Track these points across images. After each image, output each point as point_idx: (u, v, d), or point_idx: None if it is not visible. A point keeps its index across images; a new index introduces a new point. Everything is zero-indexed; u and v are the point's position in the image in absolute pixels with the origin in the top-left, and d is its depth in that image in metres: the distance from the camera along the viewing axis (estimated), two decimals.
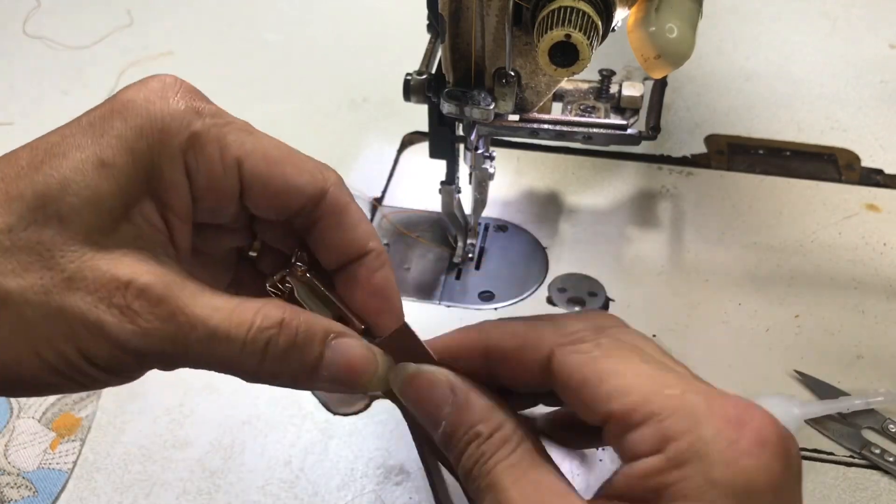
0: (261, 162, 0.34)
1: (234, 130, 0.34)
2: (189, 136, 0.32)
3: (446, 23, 0.49)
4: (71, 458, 0.52)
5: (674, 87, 0.82)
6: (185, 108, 0.32)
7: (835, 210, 0.69)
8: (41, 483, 0.50)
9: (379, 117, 0.79)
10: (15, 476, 0.51)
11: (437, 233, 0.66)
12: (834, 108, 0.81)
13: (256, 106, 0.81)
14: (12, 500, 0.50)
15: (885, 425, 0.52)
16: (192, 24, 0.93)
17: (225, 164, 0.33)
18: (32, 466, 0.51)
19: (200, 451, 0.52)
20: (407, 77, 0.54)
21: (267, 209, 0.35)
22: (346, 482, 0.50)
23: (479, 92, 0.52)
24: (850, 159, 0.74)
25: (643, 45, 0.46)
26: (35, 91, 0.82)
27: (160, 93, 0.32)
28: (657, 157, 0.74)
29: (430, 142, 0.58)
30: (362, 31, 0.92)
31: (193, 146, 0.32)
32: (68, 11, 0.94)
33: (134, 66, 0.85)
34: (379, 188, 0.71)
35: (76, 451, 0.52)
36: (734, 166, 0.73)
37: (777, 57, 0.88)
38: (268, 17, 0.94)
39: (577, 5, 0.44)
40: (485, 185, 0.60)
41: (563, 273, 0.63)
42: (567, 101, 0.58)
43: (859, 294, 0.62)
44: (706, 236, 0.66)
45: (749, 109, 0.80)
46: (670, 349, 0.57)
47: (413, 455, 0.51)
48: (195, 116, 0.32)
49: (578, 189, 0.70)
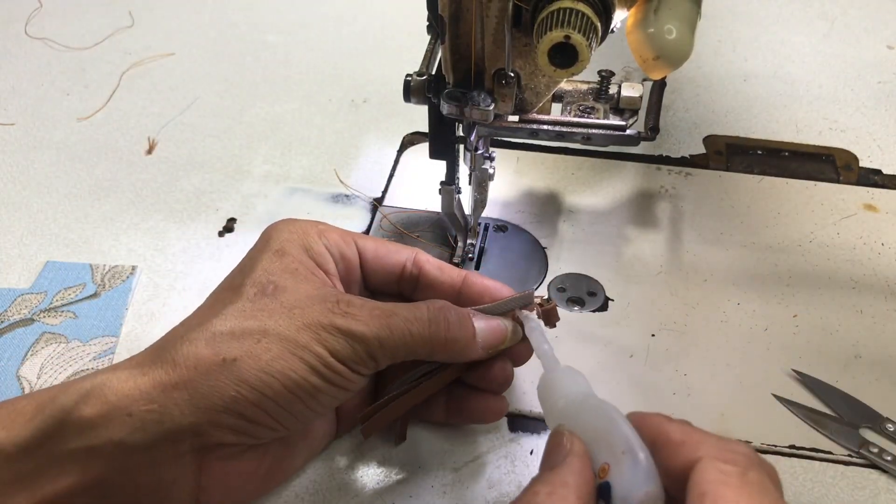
0: (369, 241, 0.50)
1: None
2: (318, 230, 0.49)
3: (446, 24, 0.49)
4: None
5: (673, 88, 0.83)
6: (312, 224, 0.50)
7: (833, 210, 0.69)
8: None
9: (379, 118, 0.79)
10: None
11: (437, 233, 0.66)
12: (832, 108, 0.81)
13: (257, 106, 0.81)
14: None
15: (883, 425, 0.53)
16: (194, 24, 0.93)
17: (345, 240, 0.49)
18: None
19: None
20: (407, 78, 0.54)
21: (379, 271, 0.50)
22: (347, 481, 0.50)
23: (478, 93, 0.52)
24: (849, 160, 0.74)
25: (642, 47, 0.46)
26: (37, 92, 0.82)
27: (294, 223, 0.49)
28: (656, 157, 0.74)
29: (430, 142, 0.58)
30: (362, 32, 0.92)
31: (324, 233, 0.49)
32: (70, 12, 0.94)
33: (135, 67, 0.85)
34: (379, 188, 0.71)
35: None
36: (733, 167, 0.74)
37: (775, 58, 0.88)
38: (268, 19, 0.94)
39: (576, 7, 0.44)
40: (485, 185, 0.61)
41: (562, 273, 0.63)
42: (566, 102, 0.59)
43: (857, 294, 0.62)
44: (705, 236, 0.66)
45: (747, 110, 0.81)
46: (669, 349, 0.57)
47: (413, 454, 0.51)
48: (318, 225, 0.50)
49: (578, 189, 0.71)
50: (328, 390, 0.43)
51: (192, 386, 0.41)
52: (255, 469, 0.45)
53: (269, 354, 0.42)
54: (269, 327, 0.43)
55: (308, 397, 0.43)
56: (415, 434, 0.52)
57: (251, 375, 0.41)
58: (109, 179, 0.72)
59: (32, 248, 0.65)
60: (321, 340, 0.43)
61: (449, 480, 0.50)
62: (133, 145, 0.76)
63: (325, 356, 0.42)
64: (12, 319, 0.59)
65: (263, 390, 0.41)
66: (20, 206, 0.69)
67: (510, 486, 0.50)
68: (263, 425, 0.42)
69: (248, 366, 0.41)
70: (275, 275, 0.45)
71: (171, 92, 0.83)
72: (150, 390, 0.41)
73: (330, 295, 0.45)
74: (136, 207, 0.69)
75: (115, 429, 0.40)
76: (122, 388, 0.41)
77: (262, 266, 0.46)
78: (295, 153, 0.75)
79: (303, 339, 0.42)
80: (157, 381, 0.41)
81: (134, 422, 0.40)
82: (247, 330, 0.42)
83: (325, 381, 0.43)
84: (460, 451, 0.51)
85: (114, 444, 0.40)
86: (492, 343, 0.47)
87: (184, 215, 0.69)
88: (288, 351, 0.42)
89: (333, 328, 0.43)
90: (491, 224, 0.67)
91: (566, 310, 0.60)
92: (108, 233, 0.67)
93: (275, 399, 0.42)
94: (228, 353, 0.41)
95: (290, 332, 0.42)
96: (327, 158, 0.75)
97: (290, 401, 0.42)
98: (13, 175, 0.73)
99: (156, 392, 0.40)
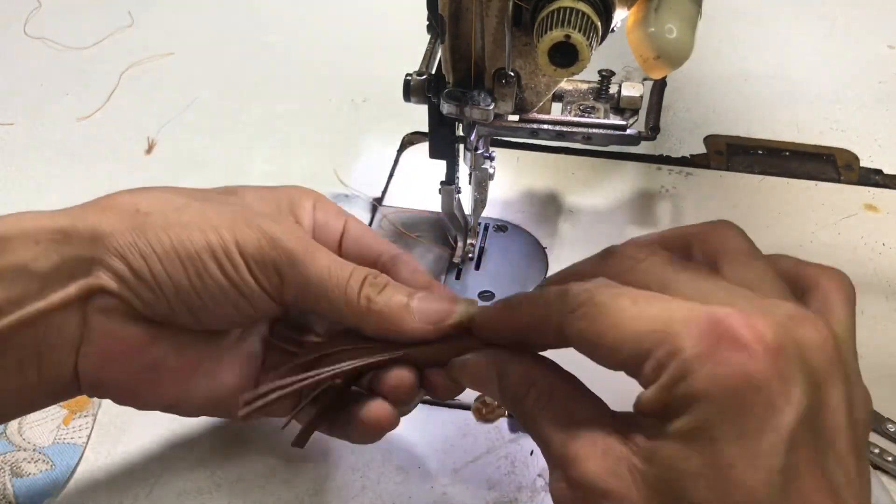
0: (359, 224, 0.50)
1: None
2: (315, 195, 0.49)
3: (446, 23, 0.49)
4: (85, 432, 0.53)
5: (673, 88, 0.83)
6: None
7: (833, 210, 0.69)
8: (58, 457, 0.51)
9: (379, 117, 0.79)
10: (31, 451, 0.52)
11: (437, 233, 0.66)
12: (833, 108, 0.81)
13: (257, 106, 0.81)
14: (31, 475, 0.50)
15: (884, 425, 0.52)
16: (194, 24, 0.93)
17: (337, 212, 0.49)
18: (48, 442, 0.52)
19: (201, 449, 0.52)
20: (407, 77, 0.54)
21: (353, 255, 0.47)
22: (347, 481, 0.50)
23: (478, 92, 0.52)
24: (849, 159, 0.74)
25: (642, 46, 0.46)
26: (36, 92, 0.82)
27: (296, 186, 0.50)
28: (656, 157, 0.74)
29: (430, 142, 0.58)
30: (362, 32, 0.92)
31: (318, 200, 0.49)
32: (69, 12, 0.94)
33: (135, 67, 0.85)
34: (379, 188, 0.71)
35: (89, 426, 0.53)
36: (733, 166, 0.74)
37: (776, 57, 0.88)
38: (268, 18, 0.94)
39: (576, 6, 0.44)
40: (485, 185, 0.61)
41: None
42: (566, 102, 0.59)
43: (858, 294, 0.61)
44: None
45: (748, 110, 0.80)
46: None
47: (413, 455, 0.51)
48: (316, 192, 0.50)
49: (578, 189, 0.71)
50: (219, 280, 0.41)
51: (98, 222, 0.42)
52: (138, 347, 0.43)
53: (178, 219, 0.42)
54: (196, 205, 0.43)
55: (195, 276, 0.41)
56: (415, 434, 0.52)
57: (150, 230, 0.41)
58: (109, 179, 0.72)
59: None
60: (234, 228, 0.42)
61: (449, 480, 0.50)
62: (133, 145, 0.76)
63: (229, 242, 0.41)
64: None
65: (155, 246, 0.41)
66: (20, 206, 0.69)
67: (510, 487, 0.50)
68: (146, 284, 0.41)
69: (153, 221, 0.42)
70: (245, 190, 0.47)
71: (171, 92, 0.82)
72: (64, 224, 0.41)
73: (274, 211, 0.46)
74: None
75: (20, 253, 0.40)
76: (39, 220, 0.42)
77: (239, 187, 0.48)
78: (295, 153, 0.75)
79: (216, 220, 0.42)
80: (73, 216, 0.42)
81: (38, 249, 0.41)
82: (175, 201, 0.43)
83: (218, 266, 0.41)
84: (460, 451, 0.51)
85: (14, 268, 0.40)
86: (433, 315, 0.42)
87: None
88: (197, 226, 0.42)
89: (254, 224, 0.42)
90: (491, 224, 0.67)
91: None
92: None
93: (162, 260, 0.41)
94: (144, 207, 0.42)
95: (211, 214, 0.42)
96: (327, 158, 0.75)
97: (177, 269, 0.41)
98: (13, 175, 0.72)
99: (67, 225, 0.41)
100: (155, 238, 0.41)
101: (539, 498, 0.49)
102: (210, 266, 0.41)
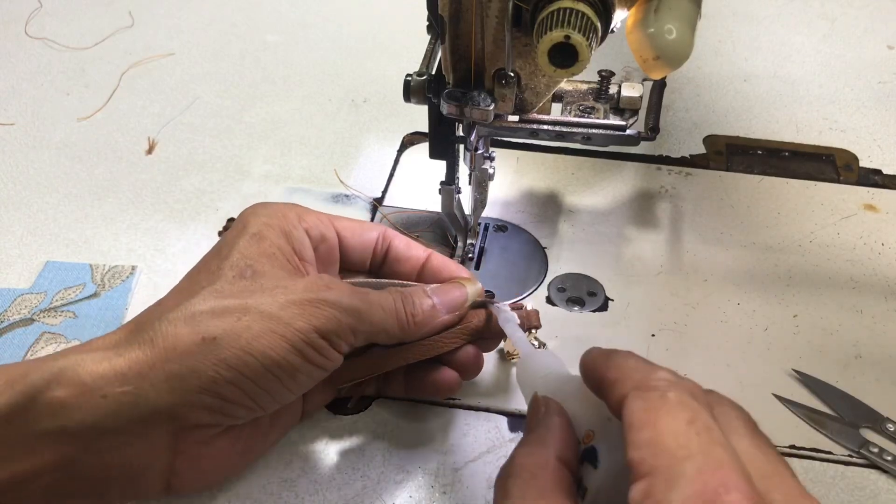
0: (345, 221, 0.51)
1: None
2: (297, 213, 0.49)
3: (446, 24, 0.49)
4: None
5: (673, 88, 0.83)
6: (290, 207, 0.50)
7: (833, 210, 0.69)
8: None
9: (379, 117, 0.79)
10: None
11: (437, 233, 0.66)
12: (832, 108, 0.81)
13: (257, 106, 0.81)
14: None
15: (884, 425, 0.53)
16: (194, 24, 0.93)
17: (323, 222, 0.50)
18: None
19: None
20: (407, 78, 0.54)
21: (357, 247, 0.51)
22: (348, 481, 0.50)
23: (478, 93, 0.52)
24: (849, 160, 0.74)
25: (642, 47, 0.46)
26: (37, 92, 0.82)
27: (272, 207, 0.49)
28: (656, 157, 0.74)
29: (430, 142, 0.58)
30: (362, 32, 0.92)
31: (302, 216, 0.49)
32: (70, 12, 0.94)
33: (135, 67, 0.85)
34: (379, 188, 0.71)
35: None
36: (733, 167, 0.74)
37: (775, 58, 0.88)
38: (268, 18, 0.94)
39: (576, 7, 0.44)
40: (485, 185, 0.61)
41: (562, 273, 0.63)
42: (566, 102, 0.59)
43: (857, 294, 0.62)
44: (705, 236, 0.66)
45: (748, 110, 0.81)
46: (669, 349, 0.57)
47: (413, 454, 0.51)
48: (296, 208, 0.50)
49: (578, 189, 0.71)
50: (306, 370, 0.43)
51: (169, 367, 0.40)
52: (229, 451, 0.45)
53: (250, 333, 0.41)
54: (251, 305, 0.42)
55: (286, 377, 0.42)
56: (415, 434, 0.52)
57: (231, 355, 0.40)
58: (109, 179, 0.72)
59: (32, 248, 0.65)
60: (306, 315, 0.42)
61: (449, 480, 0.50)
62: (133, 145, 0.76)
63: (309, 331, 0.42)
64: (12, 319, 0.59)
65: (242, 370, 0.40)
66: (20, 206, 0.69)
67: None
68: (241, 405, 0.42)
69: (228, 345, 0.40)
70: (252, 259, 0.45)
71: (171, 92, 0.83)
72: (126, 371, 0.40)
73: (311, 275, 0.46)
74: (136, 207, 0.69)
75: (89, 411, 0.39)
76: (97, 369, 0.40)
77: (239, 250, 0.45)
78: (295, 153, 0.75)
79: (286, 315, 0.42)
80: (133, 362, 0.40)
81: (108, 404, 0.39)
82: (227, 308, 0.42)
83: (304, 359, 0.42)
84: (460, 451, 0.51)
85: (87, 427, 0.39)
86: (453, 303, 0.49)
87: (184, 215, 0.69)
88: (269, 329, 0.41)
89: (320, 301, 0.43)
90: (491, 224, 0.67)
91: (566, 310, 0.60)
92: (108, 233, 0.67)
93: (253, 379, 0.41)
94: (208, 332, 0.40)
95: (273, 309, 0.42)
96: (327, 158, 0.75)
97: (269, 380, 0.41)
98: (13, 175, 0.73)
99: (131, 373, 0.40)
100: (238, 362, 0.40)
101: None
102: (297, 362, 0.42)
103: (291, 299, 0.43)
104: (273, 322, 0.41)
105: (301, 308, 0.42)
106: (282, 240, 0.47)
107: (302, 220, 0.49)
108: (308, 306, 0.42)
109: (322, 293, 0.43)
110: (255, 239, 0.46)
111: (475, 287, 0.51)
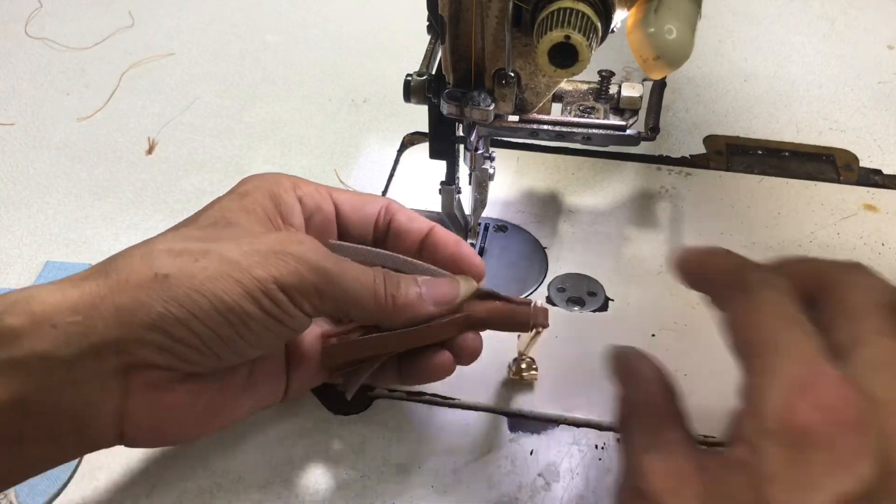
0: (344, 194, 0.51)
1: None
2: (292, 181, 0.49)
3: (446, 24, 0.49)
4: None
5: (673, 88, 0.83)
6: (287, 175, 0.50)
7: (833, 210, 0.69)
8: (40, 484, 0.50)
9: (379, 118, 0.79)
10: None
11: None
12: (832, 108, 0.81)
13: (257, 106, 0.81)
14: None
15: None
16: (194, 24, 0.93)
17: (321, 193, 0.49)
18: None
19: (201, 449, 0.52)
20: (407, 78, 0.54)
21: (357, 221, 0.50)
22: (348, 481, 0.50)
23: (478, 93, 0.52)
24: (849, 160, 0.74)
25: (642, 47, 0.46)
26: (37, 92, 0.82)
27: (269, 174, 0.49)
28: (656, 157, 0.74)
29: (430, 142, 0.58)
30: (362, 32, 0.92)
31: (298, 185, 0.49)
32: (70, 12, 0.94)
33: (136, 67, 0.85)
34: (379, 188, 0.71)
35: None
36: (733, 167, 0.74)
37: (776, 58, 0.88)
38: (268, 18, 0.94)
39: (576, 7, 0.44)
40: (485, 185, 0.61)
41: (562, 273, 0.63)
42: (566, 102, 0.59)
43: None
44: (705, 236, 0.66)
45: (748, 110, 0.81)
46: (669, 349, 0.57)
47: (414, 454, 0.51)
48: (293, 178, 0.50)
49: (578, 189, 0.71)
50: (262, 320, 0.41)
51: (119, 299, 0.39)
52: (188, 405, 0.43)
53: (205, 274, 0.40)
54: (213, 249, 0.41)
55: (241, 324, 0.41)
56: (415, 434, 0.52)
57: (181, 293, 0.40)
58: (109, 179, 0.72)
59: (32, 248, 0.65)
60: (268, 265, 0.41)
61: (449, 480, 0.50)
62: (133, 145, 0.76)
63: (268, 281, 0.41)
64: None
65: (192, 309, 0.40)
66: (20, 206, 0.69)
67: (510, 487, 0.50)
68: (192, 348, 0.40)
69: (179, 282, 0.40)
70: (231, 212, 0.45)
71: (171, 92, 0.83)
72: (77, 302, 0.39)
73: (284, 231, 0.46)
74: (136, 207, 0.69)
75: (38, 340, 0.38)
76: (49, 300, 0.39)
77: (221, 204, 0.46)
78: (295, 153, 0.75)
79: (246, 261, 0.41)
80: (86, 293, 0.39)
81: (57, 334, 0.38)
82: (188, 249, 0.41)
83: (260, 308, 0.41)
84: (460, 451, 0.51)
85: (36, 357, 0.38)
86: (441, 298, 0.47)
87: (184, 215, 0.67)
88: (226, 272, 0.40)
89: (285, 253, 0.42)
90: (491, 224, 0.67)
91: (566, 310, 0.60)
92: (108, 233, 0.67)
93: (204, 321, 0.40)
94: (161, 269, 0.40)
95: (234, 255, 0.41)
96: (327, 158, 0.75)
97: (220, 324, 0.40)
98: (13, 175, 0.73)
99: (82, 304, 0.39)
100: (188, 301, 0.40)
101: (539, 497, 0.49)
102: (252, 310, 0.41)
103: (256, 248, 0.42)
104: (230, 266, 0.41)
105: (264, 257, 0.41)
106: (267, 200, 0.47)
107: (297, 188, 0.48)
108: (272, 256, 0.41)
109: (290, 246, 0.42)
110: (239, 196, 0.47)
111: (469, 285, 0.49)
